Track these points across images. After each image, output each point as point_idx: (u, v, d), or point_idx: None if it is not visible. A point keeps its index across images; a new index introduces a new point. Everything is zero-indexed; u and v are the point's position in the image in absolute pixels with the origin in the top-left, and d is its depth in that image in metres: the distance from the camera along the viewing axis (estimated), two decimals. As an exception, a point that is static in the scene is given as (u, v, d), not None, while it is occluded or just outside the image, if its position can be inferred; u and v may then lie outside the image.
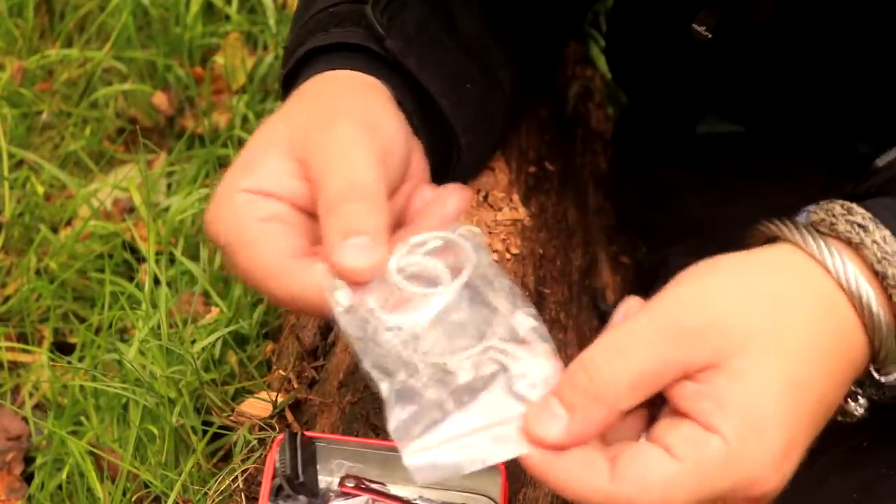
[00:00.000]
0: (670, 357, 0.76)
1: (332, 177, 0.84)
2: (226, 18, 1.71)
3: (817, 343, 0.80)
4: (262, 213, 0.86)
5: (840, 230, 0.82)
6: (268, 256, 0.84)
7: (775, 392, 0.78)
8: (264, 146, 0.89)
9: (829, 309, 0.81)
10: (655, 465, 0.76)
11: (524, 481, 0.96)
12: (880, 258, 0.81)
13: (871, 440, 0.97)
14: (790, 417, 0.78)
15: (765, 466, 0.77)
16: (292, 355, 1.07)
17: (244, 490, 0.98)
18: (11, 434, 1.29)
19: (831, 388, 0.81)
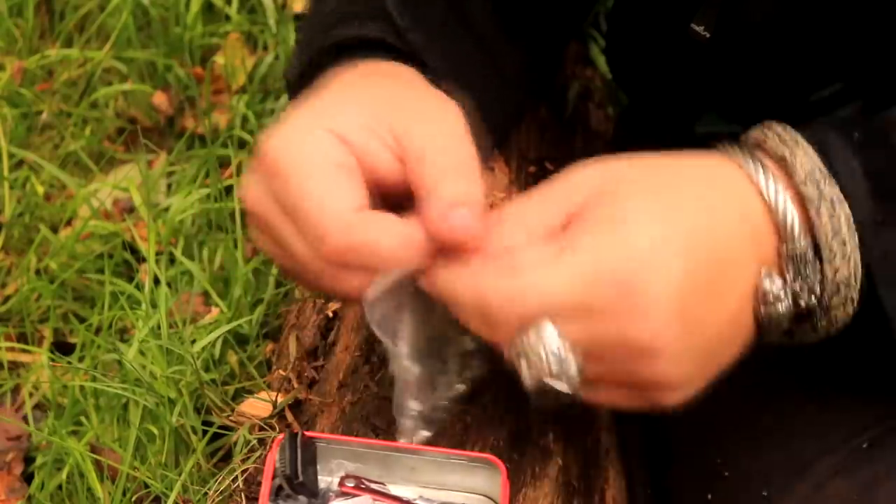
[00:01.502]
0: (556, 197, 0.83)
1: (444, 150, 0.86)
2: (226, 18, 1.71)
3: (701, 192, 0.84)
4: (340, 159, 0.86)
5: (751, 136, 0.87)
6: (339, 199, 0.85)
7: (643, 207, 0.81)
8: (357, 97, 0.89)
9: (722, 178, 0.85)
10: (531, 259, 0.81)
11: (524, 481, 0.96)
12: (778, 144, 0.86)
13: (871, 442, 0.97)
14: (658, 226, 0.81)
15: (633, 252, 0.79)
16: (292, 355, 1.07)
17: (244, 490, 0.98)
18: (11, 434, 1.29)
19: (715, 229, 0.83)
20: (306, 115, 0.88)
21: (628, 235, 0.80)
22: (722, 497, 1.02)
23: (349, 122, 0.87)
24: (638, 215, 0.81)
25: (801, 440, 0.99)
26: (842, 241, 0.84)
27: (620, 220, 0.81)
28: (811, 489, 0.96)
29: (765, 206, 0.84)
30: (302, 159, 0.86)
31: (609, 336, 0.80)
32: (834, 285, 0.85)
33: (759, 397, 1.04)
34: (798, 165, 0.85)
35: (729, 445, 1.03)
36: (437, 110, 0.89)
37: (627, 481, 1.10)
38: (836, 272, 0.84)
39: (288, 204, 0.86)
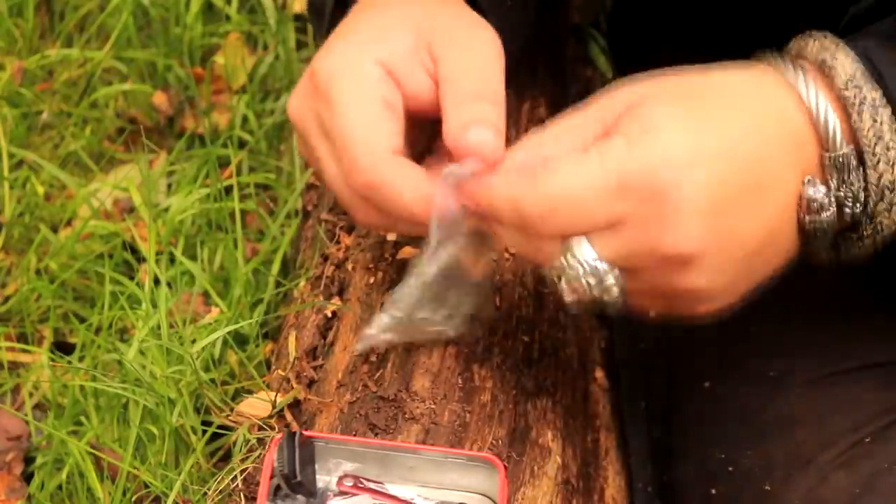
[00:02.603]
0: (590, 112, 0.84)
1: (468, 75, 0.89)
2: (226, 18, 1.71)
3: (739, 97, 0.84)
4: (389, 96, 0.90)
5: (791, 46, 0.87)
6: (376, 137, 0.88)
7: (679, 114, 0.81)
8: (400, 23, 0.92)
9: (762, 83, 0.85)
10: (566, 160, 0.82)
11: (523, 480, 0.96)
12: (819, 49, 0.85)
13: (873, 436, 0.98)
14: (694, 130, 0.80)
15: (665, 157, 0.79)
16: (291, 355, 1.07)
17: (243, 490, 0.98)
18: (11, 434, 1.29)
19: (754, 135, 0.82)
20: (357, 41, 0.92)
21: (660, 142, 0.80)
22: (725, 492, 1.02)
23: (396, 52, 0.90)
24: (671, 122, 0.81)
25: (804, 434, 1.00)
26: (885, 145, 0.83)
27: (653, 127, 0.80)
28: (814, 483, 0.96)
29: (806, 112, 0.84)
30: (351, 90, 0.89)
31: (643, 247, 0.80)
32: (878, 190, 0.84)
33: (760, 392, 1.05)
34: (839, 69, 0.84)
35: (732, 440, 1.04)
36: (471, 34, 0.92)
37: (627, 480, 1.10)
38: (881, 177, 0.84)
39: (329, 128, 0.90)
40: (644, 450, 1.11)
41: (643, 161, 0.79)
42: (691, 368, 1.11)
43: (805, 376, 1.04)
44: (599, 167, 0.80)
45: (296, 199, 1.41)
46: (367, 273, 1.10)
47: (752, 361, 1.07)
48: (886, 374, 1.03)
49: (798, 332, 1.07)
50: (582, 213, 0.81)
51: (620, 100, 0.84)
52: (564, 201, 0.81)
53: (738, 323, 1.07)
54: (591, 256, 0.81)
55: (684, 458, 1.08)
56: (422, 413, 0.97)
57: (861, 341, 1.05)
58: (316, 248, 1.18)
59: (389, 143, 0.89)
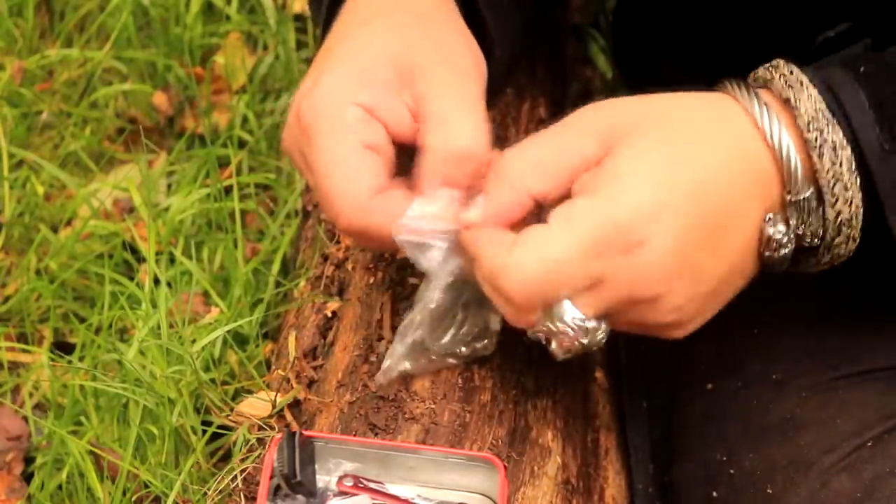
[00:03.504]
0: (567, 143, 0.86)
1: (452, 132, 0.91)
2: (226, 18, 1.71)
3: (707, 138, 0.86)
4: (368, 139, 0.91)
5: (758, 75, 0.90)
6: (356, 187, 0.90)
7: (646, 159, 0.84)
8: (382, 61, 0.93)
9: (728, 120, 0.87)
10: (534, 233, 0.85)
11: (523, 480, 0.96)
12: (784, 87, 0.87)
13: (875, 440, 0.97)
14: (660, 177, 0.83)
15: (631, 210, 0.82)
16: (291, 355, 1.07)
17: (243, 490, 0.98)
18: (11, 434, 1.29)
19: (718, 179, 0.85)
20: (338, 80, 0.92)
21: (627, 195, 0.83)
22: (727, 494, 1.02)
23: (377, 93, 0.92)
24: (638, 170, 0.83)
25: (806, 438, 1.00)
26: (844, 186, 0.86)
27: (620, 178, 0.83)
28: (815, 486, 0.96)
29: (769, 151, 0.86)
30: (330, 136, 0.91)
31: (622, 297, 0.84)
32: (836, 226, 0.87)
33: (763, 395, 1.05)
34: (802, 110, 0.86)
35: (734, 443, 1.04)
36: (451, 66, 0.94)
37: (627, 480, 1.10)
38: (839, 215, 0.87)
39: (312, 169, 0.92)
40: (644, 450, 1.11)
41: (612, 218, 0.83)
42: (693, 370, 1.11)
43: (807, 380, 1.04)
44: (571, 235, 0.83)
45: (296, 199, 1.41)
46: (367, 273, 1.10)
47: (754, 364, 1.07)
48: (889, 379, 1.03)
49: (801, 337, 1.07)
50: (562, 283, 0.84)
51: (597, 131, 0.87)
52: (542, 277, 0.84)
53: (741, 326, 1.07)
54: (579, 317, 0.85)
55: (685, 460, 1.08)
56: (422, 413, 0.97)
57: (864, 346, 1.05)
58: (316, 248, 1.18)
59: (371, 187, 0.90)
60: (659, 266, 0.83)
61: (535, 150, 0.88)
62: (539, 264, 0.84)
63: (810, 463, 0.98)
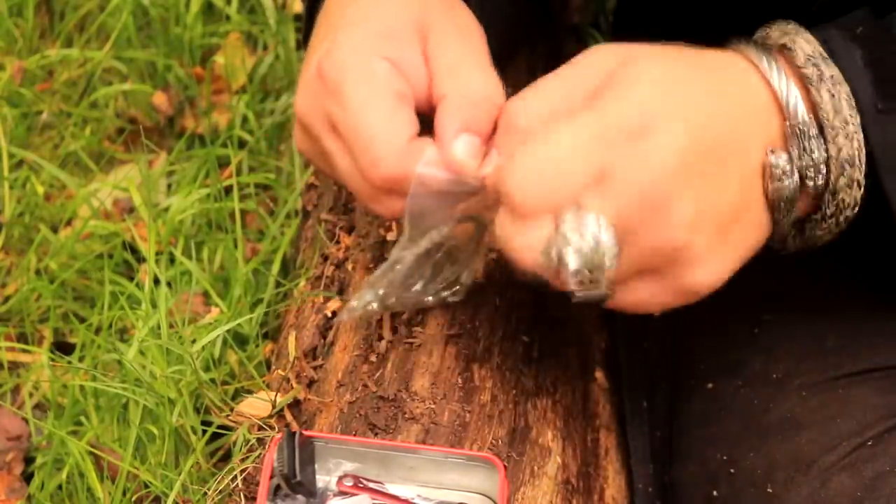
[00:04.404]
0: (575, 84, 0.85)
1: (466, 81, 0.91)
2: (226, 18, 1.71)
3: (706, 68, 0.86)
4: (401, 88, 0.91)
5: (757, 34, 0.89)
6: (397, 130, 0.90)
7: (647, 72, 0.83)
8: (403, 19, 0.93)
9: (727, 59, 0.87)
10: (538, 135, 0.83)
11: (523, 480, 0.96)
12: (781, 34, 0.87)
13: (875, 439, 0.97)
14: (662, 88, 0.83)
15: (635, 104, 0.81)
16: (291, 355, 1.07)
17: (243, 490, 0.98)
18: (11, 434, 1.29)
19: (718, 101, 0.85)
20: (361, 36, 0.92)
21: (635, 93, 0.82)
22: (727, 493, 1.02)
23: (401, 48, 0.92)
24: (646, 79, 0.83)
25: (806, 437, 1.00)
26: (843, 119, 0.86)
27: (628, 83, 0.83)
28: (816, 486, 0.96)
29: (769, 89, 0.86)
30: (363, 87, 0.90)
31: (631, 196, 0.81)
32: (838, 165, 0.86)
33: (763, 394, 1.05)
34: (799, 50, 0.87)
35: (734, 442, 1.04)
36: (463, 23, 0.95)
37: (627, 480, 1.10)
38: (840, 151, 0.86)
39: (343, 125, 0.91)
40: (645, 450, 1.11)
41: (619, 110, 0.82)
42: (694, 369, 1.11)
43: (808, 379, 1.04)
44: (576, 126, 0.82)
45: (296, 198, 1.41)
46: (367, 273, 1.10)
47: (755, 363, 1.07)
48: (890, 377, 1.03)
49: (801, 335, 1.07)
50: (566, 172, 0.81)
51: (603, 66, 0.86)
52: (545, 166, 0.82)
53: (741, 325, 1.07)
54: (587, 219, 0.81)
55: (686, 459, 1.08)
56: (422, 413, 0.97)
57: (865, 345, 1.05)
58: (316, 248, 1.18)
59: (408, 133, 0.90)
60: (666, 157, 0.81)
61: (544, 100, 0.86)
62: (542, 156, 0.82)
63: (811, 462, 0.98)
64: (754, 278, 0.91)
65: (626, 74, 0.83)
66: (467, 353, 1.02)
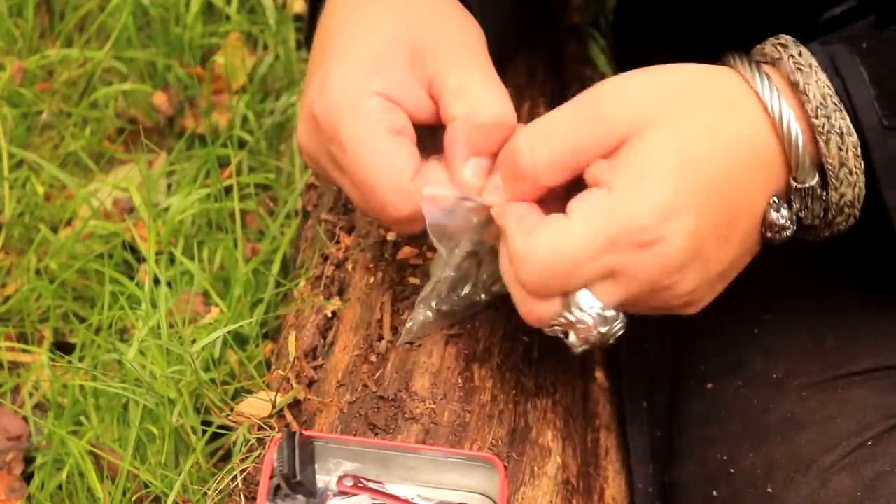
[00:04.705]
0: (585, 139, 0.85)
1: (476, 103, 0.91)
2: (226, 18, 1.71)
3: (719, 129, 0.86)
4: (395, 125, 0.91)
5: (766, 52, 0.89)
6: (398, 173, 0.91)
7: (663, 156, 0.84)
8: (393, 46, 0.93)
9: (737, 105, 0.87)
10: (552, 224, 0.85)
11: (523, 480, 0.96)
12: (793, 69, 0.87)
13: (875, 439, 0.98)
14: (677, 178, 0.84)
15: (646, 211, 0.83)
16: (291, 355, 1.07)
17: (243, 490, 0.98)
18: (11, 434, 1.29)
19: (730, 171, 0.86)
20: (352, 72, 0.92)
21: (645, 192, 0.83)
22: (727, 493, 1.02)
23: (393, 80, 0.92)
24: (656, 167, 0.84)
25: (806, 437, 1.00)
26: (848, 170, 0.87)
27: (638, 175, 0.84)
28: (816, 486, 0.96)
29: (777, 138, 0.87)
30: (357, 131, 0.91)
31: (641, 287, 0.85)
32: (838, 208, 0.89)
33: (763, 394, 1.05)
34: (811, 95, 0.87)
35: (734, 442, 1.04)
36: (463, 38, 0.95)
37: (628, 480, 1.10)
38: (842, 197, 0.88)
39: (345, 166, 0.92)
40: (644, 450, 1.11)
41: (630, 217, 0.83)
42: (694, 369, 1.11)
43: (808, 379, 1.04)
44: (588, 229, 0.84)
45: (296, 199, 1.41)
46: (367, 273, 1.10)
47: (755, 364, 1.07)
48: (889, 377, 1.03)
49: (801, 336, 1.07)
50: (576, 273, 0.85)
51: (612, 118, 0.86)
52: (558, 266, 0.85)
53: (742, 325, 1.07)
54: (597, 306, 0.86)
55: (686, 459, 1.08)
56: (422, 413, 0.97)
57: (864, 345, 1.05)
58: (316, 248, 1.18)
59: (409, 171, 0.91)
60: (674, 260, 0.84)
61: (547, 147, 0.87)
62: (554, 254, 0.84)
63: (810, 462, 0.98)
64: (754, 278, 0.92)
65: (637, 156, 0.84)
66: (467, 353, 1.02)
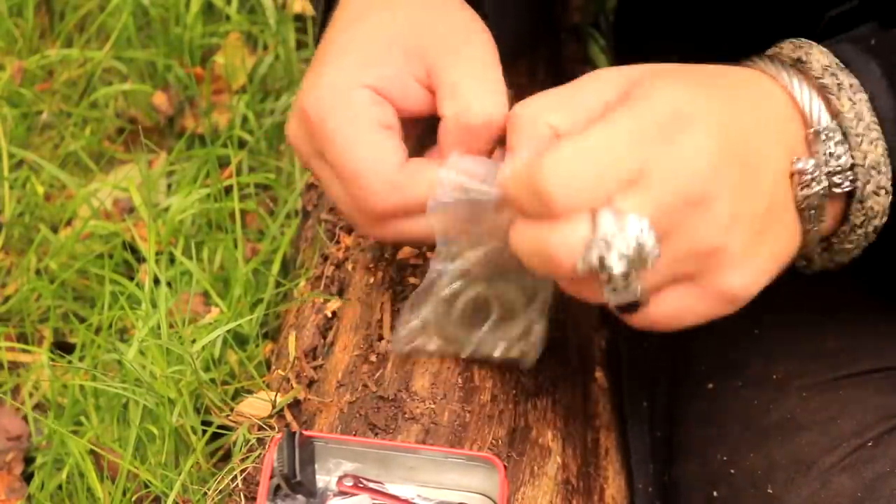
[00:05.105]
0: (582, 86, 0.85)
1: (466, 102, 0.90)
2: (226, 18, 1.71)
3: (727, 80, 0.86)
4: (383, 119, 0.91)
5: (784, 52, 0.88)
6: (383, 163, 0.90)
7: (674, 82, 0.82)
8: (389, 44, 0.92)
9: (750, 78, 0.87)
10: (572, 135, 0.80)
11: (523, 480, 0.96)
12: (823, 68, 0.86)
13: (876, 440, 0.98)
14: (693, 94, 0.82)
15: (667, 105, 0.80)
16: (291, 355, 1.07)
17: (243, 490, 0.98)
18: (11, 434, 1.29)
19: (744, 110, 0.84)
20: (342, 68, 0.92)
21: (665, 95, 0.81)
22: (728, 494, 1.02)
23: (384, 74, 0.91)
24: (672, 85, 0.82)
25: (806, 437, 1.00)
26: (866, 125, 0.85)
27: (655, 88, 0.81)
28: (816, 486, 0.96)
29: (790, 99, 0.86)
30: (345, 122, 0.90)
31: (669, 193, 0.79)
32: (866, 171, 0.86)
33: (764, 395, 1.05)
34: (814, 61, 0.86)
35: (734, 443, 1.04)
36: (465, 38, 0.93)
37: (628, 480, 1.10)
38: (866, 157, 0.85)
39: (332, 160, 0.91)
40: (645, 450, 1.11)
41: (653, 108, 0.80)
42: (695, 369, 1.11)
43: (808, 380, 1.04)
44: (610, 128, 0.79)
45: (296, 198, 1.41)
46: (367, 273, 1.10)
47: (755, 364, 1.07)
48: (890, 378, 1.03)
49: (802, 336, 1.07)
50: (603, 169, 0.78)
51: (623, 75, 0.85)
52: (581, 163, 0.78)
53: (743, 325, 1.07)
54: (629, 221, 0.78)
55: (686, 459, 1.08)
56: (422, 413, 0.97)
57: (865, 346, 1.05)
58: (316, 248, 1.18)
59: (396, 162, 0.90)
60: (701, 155, 0.79)
61: (547, 94, 0.85)
62: (579, 153, 0.78)
63: (811, 463, 0.98)
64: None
65: (652, 83, 0.82)
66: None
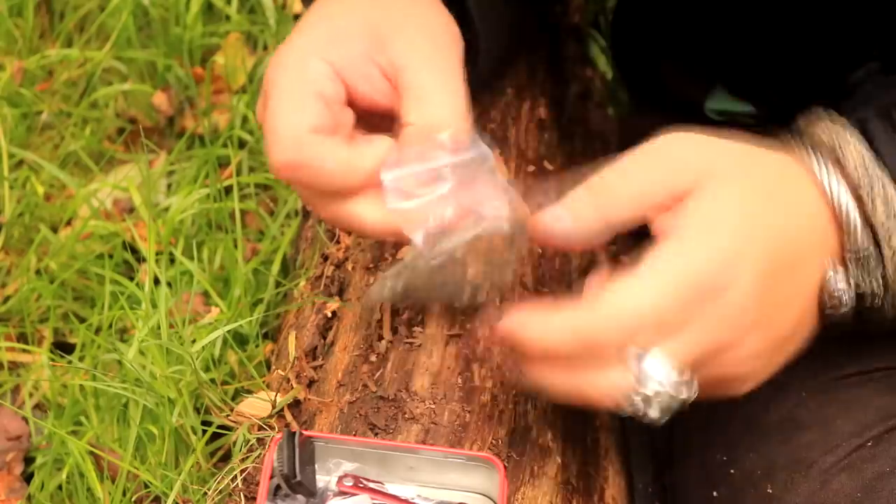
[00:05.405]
0: (658, 178, 0.85)
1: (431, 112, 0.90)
2: (226, 18, 1.71)
3: (778, 190, 0.87)
4: (324, 90, 0.90)
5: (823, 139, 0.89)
6: (296, 121, 0.89)
7: (729, 208, 0.84)
8: (359, 26, 0.92)
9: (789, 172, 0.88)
10: (624, 282, 0.83)
11: (523, 480, 0.96)
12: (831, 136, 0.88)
13: (875, 440, 0.98)
14: (743, 231, 0.84)
15: (714, 259, 0.83)
16: (291, 355, 1.07)
17: (243, 490, 0.98)
18: (11, 434, 1.29)
19: (788, 231, 0.86)
20: (310, 39, 0.92)
21: (716, 244, 0.83)
22: (727, 494, 1.02)
23: (348, 56, 0.91)
24: (724, 219, 0.84)
25: (806, 438, 1.00)
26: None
27: (708, 227, 0.84)
28: (816, 486, 0.96)
29: (826, 202, 0.88)
30: (284, 82, 0.90)
31: (707, 343, 0.84)
32: (893, 264, 0.88)
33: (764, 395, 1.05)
34: (848, 156, 0.88)
35: (734, 443, 1.04)
36: (439, 40, 0.93)
37: (627, 480, 1.10)
38: (894, 253, 0.88)
39: (266, 116, 0.91)
40: (644, 450, 1.11)
41: (701, 265, 0.83)
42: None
43: (808, 380, 1.04)
44: (663, 282, 0.83)
45: (296, 199, 1.41)
46: (367, 273, 1.10)
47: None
48: (890, 378, 1.03)
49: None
50: (655, 326, 0.82)
51: (686, 167, 0.86)
52: (637, 322, 0.82)
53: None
54: (668, 370, 0.84)
55: (686, 460, 1.08)
56: (422, 413, 0.97)
57: (865, 346, 1.05)
58: (316, 248, 1.18)
59: (310, 123, 0.89)
60: (740, 309, 0.83)
61: (623, 179, 0.87)
62: (634, 309, 0.82)
63: (810, 463, 0.98)
64: None
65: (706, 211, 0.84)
66: (467, 353, 1.02)
